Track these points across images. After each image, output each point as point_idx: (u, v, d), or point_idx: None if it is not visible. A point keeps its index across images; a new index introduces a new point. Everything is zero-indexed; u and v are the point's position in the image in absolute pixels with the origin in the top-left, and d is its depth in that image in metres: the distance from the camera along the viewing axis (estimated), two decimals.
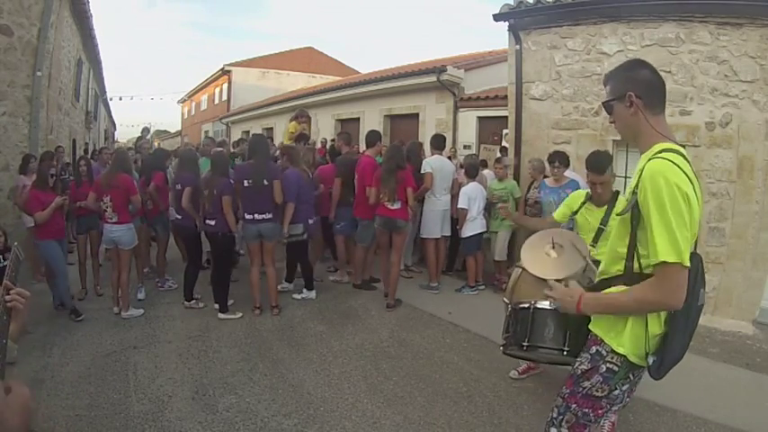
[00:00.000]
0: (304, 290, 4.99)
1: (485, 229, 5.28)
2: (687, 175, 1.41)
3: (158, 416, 2.83)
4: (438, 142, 5.52)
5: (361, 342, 3.97)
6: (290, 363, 3.60)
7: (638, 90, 1.49)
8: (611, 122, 1.65)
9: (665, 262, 1.37)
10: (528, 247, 2.93)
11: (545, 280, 2.77)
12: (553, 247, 2.79)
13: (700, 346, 3.88)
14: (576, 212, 3.06)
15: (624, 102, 1.51)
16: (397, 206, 4.71)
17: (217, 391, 3.13)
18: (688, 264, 1.39)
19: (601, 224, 2.93)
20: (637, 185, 1.46)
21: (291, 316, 4.52)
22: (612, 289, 1.58)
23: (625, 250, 1.53)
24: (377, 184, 4.75)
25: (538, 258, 2.81)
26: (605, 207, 2.95)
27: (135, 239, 4.46)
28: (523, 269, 2.92)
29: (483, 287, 5.35)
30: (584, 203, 3.05)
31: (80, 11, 8.82)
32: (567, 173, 4.98)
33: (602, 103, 1.61)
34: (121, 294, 4.37)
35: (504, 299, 3.05)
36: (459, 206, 5.09)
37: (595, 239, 2.91)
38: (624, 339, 1.54)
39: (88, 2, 8.79)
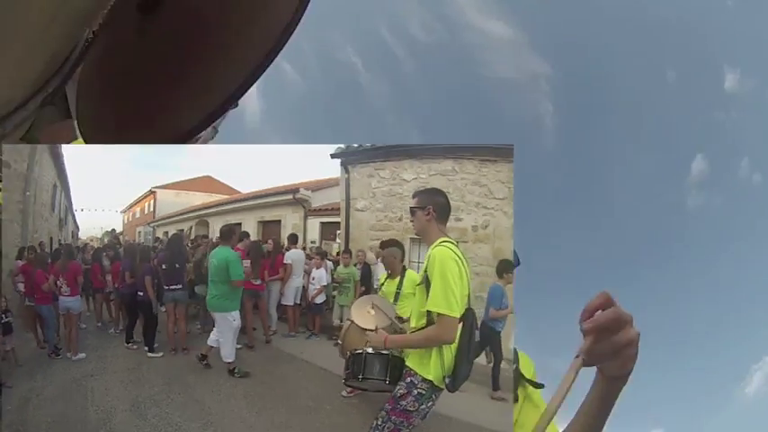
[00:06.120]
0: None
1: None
2: (458, 257, 2.04)
3: (107, 422, 3.79)
4: (294, 239, 8.09)
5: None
6: (195, 385, 4.82)
7: (434, 206, 2.17)
8: (411, 221, 2.30)
9: (440, 314, 1.92)
10: (356, 307, 3.44)
11: (365, 330, 3.10)
12: (372, 308, 3.24)
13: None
14: (382, 285, 4.21)
15: (425, 211, 2.17)
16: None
17: (146, 405, 4.15)
18: (456, 314, 1.94)
19: (397, 289, 3.86)
20: (427, 266, 2.07)
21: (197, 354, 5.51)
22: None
23: (425, 309, 2.09)
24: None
25: (362, 315, 3.26)
26: (398, 278, 3.96)
27: (81, 306, 6.22)
28: (352, 322, 3.27)
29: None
30: (386, 278, 4.12)
31: (56, 153, 11.82)
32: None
33: (411, 207, 2.25)
34: (71, 343, 5.74)
35: (339, 341, 3.47)
36: (322, 284, 7.06)
37: (395, 299, 3.82)
38: (430, 368, 2.07)
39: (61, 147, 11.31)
